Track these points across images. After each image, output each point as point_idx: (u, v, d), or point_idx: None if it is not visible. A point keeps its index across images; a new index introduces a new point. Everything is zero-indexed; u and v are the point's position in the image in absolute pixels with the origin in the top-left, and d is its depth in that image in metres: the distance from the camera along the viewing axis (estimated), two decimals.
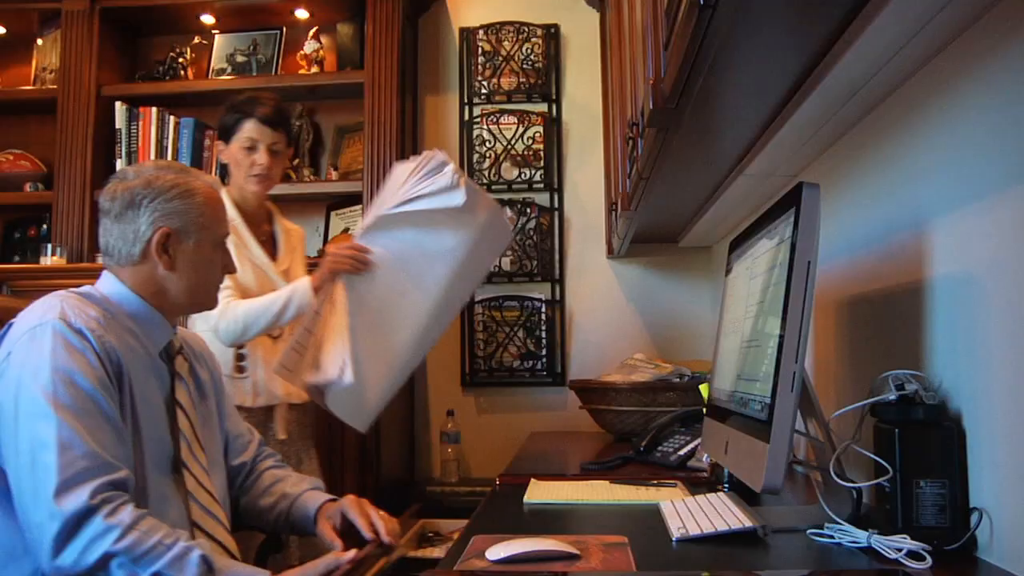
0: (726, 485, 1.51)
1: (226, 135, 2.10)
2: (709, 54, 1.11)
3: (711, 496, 1.34)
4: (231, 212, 2.01)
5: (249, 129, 2.06)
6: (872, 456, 1.06)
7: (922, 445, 1.01)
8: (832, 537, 1.08)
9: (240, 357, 2.03)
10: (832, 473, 1.07)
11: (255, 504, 1.53)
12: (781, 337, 1.02)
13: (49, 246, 2.81)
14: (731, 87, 1.25)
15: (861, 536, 1.03)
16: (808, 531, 1.12)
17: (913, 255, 1.19)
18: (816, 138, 1.47)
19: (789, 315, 1.01)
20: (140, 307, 1.35)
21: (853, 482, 1.13)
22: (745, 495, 1.34)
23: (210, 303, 1.47)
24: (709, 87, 1.23)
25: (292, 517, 1.49)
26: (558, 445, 2.45)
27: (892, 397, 1.05)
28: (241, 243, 2.05)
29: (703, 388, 1.76)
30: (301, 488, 1.53)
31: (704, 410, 1.58)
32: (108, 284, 1.36)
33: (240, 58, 3.11)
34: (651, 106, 1.32)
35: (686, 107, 1.30)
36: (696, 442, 1.80)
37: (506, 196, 3.08)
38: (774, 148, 1.54)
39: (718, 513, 1.20)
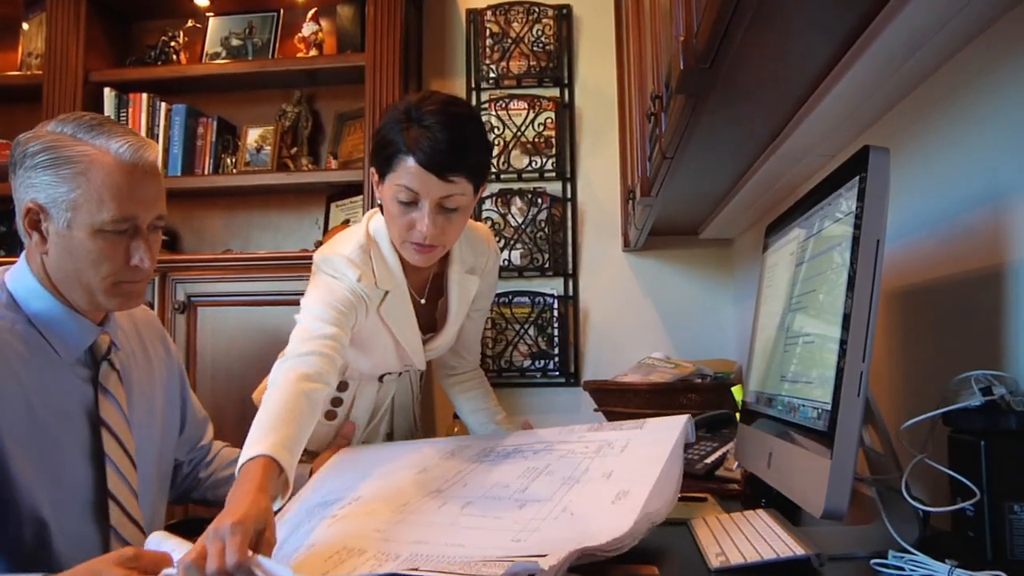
0: (763, 500, 1.34)
1: (379, 166, 1.39)
2: (750, 3, 0.95)
3: (749, 514, 1.16)
4: (392, 266, 1.49)
5: (407, 173, 1.32)
6: (950, 473, 0.89)
7: (1016, 461, 0.84)
8: (902, 569, 0.90)
9: (336, 401, 1.65)
10: (905, 493, 0.90)
11: (216, 476, 1.50)
12: (844, 331, 0.85)
13: None
14: (773, 43, 1.08)
15: (940, 569, 0.86)
16: (871, 561, 0.95)
17: (990, 236, 1.02)
18: (865, 107, 1.30)
19: (855, 305, 0.84)
20: (47, 306, 1.15)
21: (921, 501, 0.96)
22: (784, 510, 1.18)
23: (106, 302, 1.17)
24: (748, 44, 1.06)
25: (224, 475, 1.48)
26: None
27: (977, 402, 0.88)
28: (396, 313, 1.51)
29: (736, 390, 1.59)
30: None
31: (737, 415, 1.41)
32: (16, 275, 1.17)
33: (235, 41, 2.95)
34: (681, 67, 1.15)
35: (721, 68, 1.13)
36: (724, 449, 1.64)
37: (516, 186, 2.92)
38: (814, 121, 1.37)
39: (761, 536, 1.03)
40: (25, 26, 3.04)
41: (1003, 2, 0.94)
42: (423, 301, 1.57)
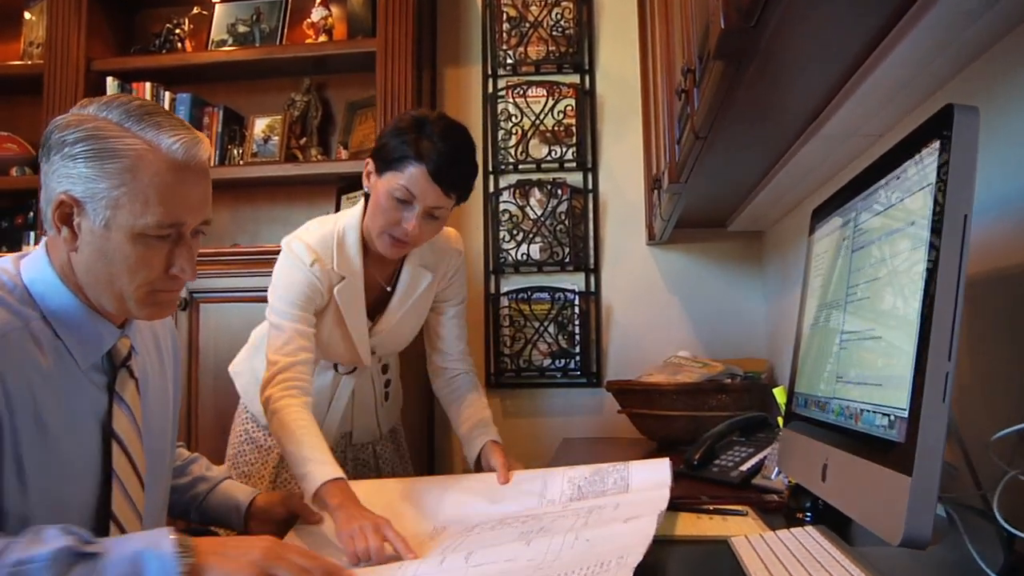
0: (808, 515, 1.20)
1: (381, 163, 1.52)
2: None
3: (797, 532, 1.03)
4: (353, 256, 1.61)
5: (411, 178, 1.47)
6: None
7: None
8: None
9: None
10: (996, 513, 0.76)
11: (210, 501, 1.38)
12: (925, 324, 0.72)
13: (32, 234, 2.57)
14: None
15: None
16: None
17: None
18: (928, 72, 1.15)
19: (939, 292, 0.71)
20: (66, 304, 1.02)
21: (1007, 521, 0.82)
22: (832, 524, 1.04)
23: (137, 311, 1.06)
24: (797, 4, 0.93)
25: (211, 502, 1.36)
26: (594, 453, 2.18)
27: None
28: (348, 298, 1.62)
29: (778, 392, 1.46)
30: (218, 474, 1.41)
31: (780, 419, 1.28)
32: (33, 267, 1.04)
33: (242, 28, 2.86)
34: (722, 26, 1.02)
35: (766, 26, 0.99)
36: (761, 455, 1.51)
37: (535, 176, 2.79)
38: (864, 95, 1.24)
39: (815, 559, 0.90)
40: (27, 15, 2.96)
41: None
42: (389, 289, 1.70)
